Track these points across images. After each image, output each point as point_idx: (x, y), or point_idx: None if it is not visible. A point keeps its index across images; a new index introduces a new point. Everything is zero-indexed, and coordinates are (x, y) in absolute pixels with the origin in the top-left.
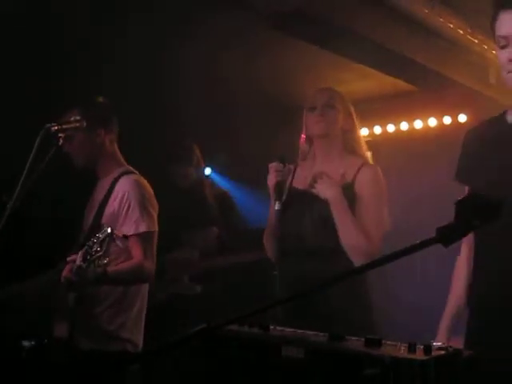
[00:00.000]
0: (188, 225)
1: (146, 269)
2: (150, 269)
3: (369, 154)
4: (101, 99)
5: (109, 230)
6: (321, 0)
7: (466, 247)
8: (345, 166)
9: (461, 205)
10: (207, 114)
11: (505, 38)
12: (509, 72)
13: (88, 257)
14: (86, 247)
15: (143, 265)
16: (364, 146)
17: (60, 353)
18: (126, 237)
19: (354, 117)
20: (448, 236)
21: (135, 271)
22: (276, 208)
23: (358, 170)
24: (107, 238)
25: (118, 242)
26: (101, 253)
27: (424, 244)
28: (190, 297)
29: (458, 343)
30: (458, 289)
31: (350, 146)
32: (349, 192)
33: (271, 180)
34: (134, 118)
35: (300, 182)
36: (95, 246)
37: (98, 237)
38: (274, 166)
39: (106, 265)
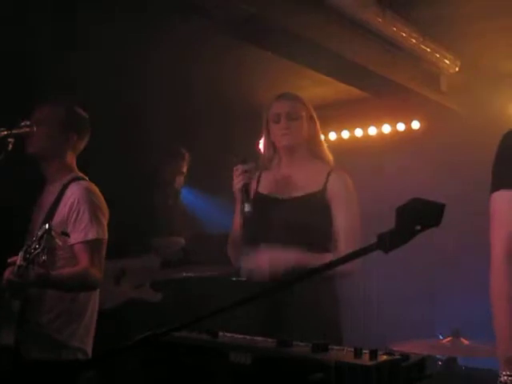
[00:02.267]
0: (156, 232)
1: (92, 276)
2: (96, 276)
3: (332, 158)
4: (73, 104)
5: (46, 226)
6: (274, 7)
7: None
8: (312, 172)
9: (401, 210)
10: (168, 119)
11: None
12: None
13: (27, 255)
14: (25, 247)
15: (88, 271)
16: (327, 151)
17: (6, 361)
18: (65, 234)
19: (317, 122)
20: (388, 242)
21: (79, 277)
22: (246, 210)
23: (328, 176)
24: (45, 235)
25: (58, 241)
26: (39, 249)
27: (365, 250)
28: (148, 304)
29: None
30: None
31: (314, 151)
32: (320, 199)
33: (238, 183)
34: (97, 121)
35: (265, 187)
36: (34, 243)
37: (37, 234)
38: (239, 168)
39: (45, 262)
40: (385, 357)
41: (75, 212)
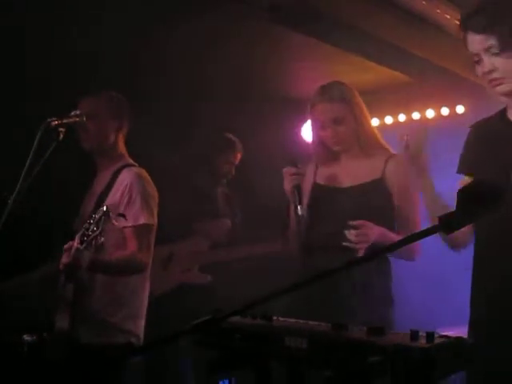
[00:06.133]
0: (202, 214)
1: (139, 260)
2: (144, 261)
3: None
4: (115, 93)
5: (104, 209)
6: None
7: None
8: (369, 161)
9: (463, 193)
10: (206, 109)
11: (475, 55)
12: (488, 83)
13: (85, 238)
14: (82, 230)
15: (136, 256)
16: (381, 138)
17: (61, 346)
18: (122, 215)
19: (365, 111)
20: (450, 224)
21: (127, 261)
22: (299, 213)
23: (386, 163)
24: (103, 217)
25: (115, 222)
26: (97, 232)
27: (427, 232)
28: (198, 287)
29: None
30: None
31: (368, 140)
32: (380, 186)
33: (287, 185)
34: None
35: (322, 178)
36: (92, 226)
37: (94, 217)
38: (287, 170)
39: (103, 245)
40: (441, 339)
41: (126, 197)
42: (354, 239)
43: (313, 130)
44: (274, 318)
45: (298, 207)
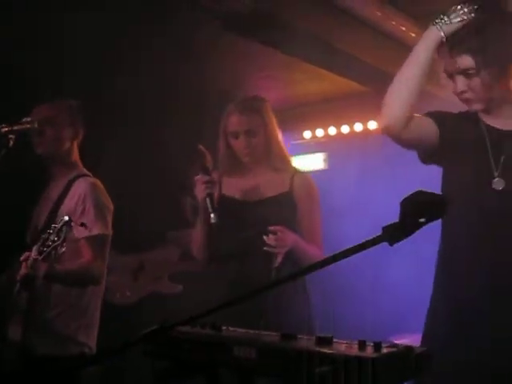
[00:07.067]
0: (173, 225)
1: (95, 270)
2: (99, 271)
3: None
4: (72, 101)
5: (66, 218)
6: (274, 1)
7: None
8: (278, 175)
9: (406, 203)
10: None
11: (449, 72)
12: (460, 99)
13: (44, 248)
14: (41, 240)
15: (91, 266)
16: (287, 154)
17: (13, 356)
18: (84, 225)
19: (276, 126)
20: (394, 234)
21: (82, 272)
22: (212, 221)
23: (293, 177)
24: (64, 227)
25: (75, 232)
26: (58, 242)
27: (370, 242)
28: (168, 297)
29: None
30: None
31: (278, 154)
32: (288, 199)
33: (200, 193)
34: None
35: (230, 190)
36: (52, 236)
37: (55, 227)
38: (200, 178)
39: (63, 254)
40: (389, 349)
41: (80, 207)
42: (273, 244)
43: (224, 140)
44: (224, 327)
45: (212, 215)
